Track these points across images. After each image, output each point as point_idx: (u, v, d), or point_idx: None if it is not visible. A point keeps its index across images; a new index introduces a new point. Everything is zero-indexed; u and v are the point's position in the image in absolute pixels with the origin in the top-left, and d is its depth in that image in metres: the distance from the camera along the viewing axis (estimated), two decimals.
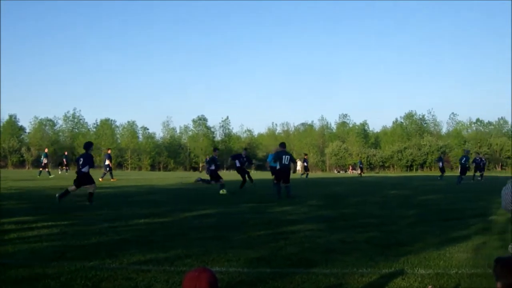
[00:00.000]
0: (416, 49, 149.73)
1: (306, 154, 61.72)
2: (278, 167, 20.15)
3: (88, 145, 17.63)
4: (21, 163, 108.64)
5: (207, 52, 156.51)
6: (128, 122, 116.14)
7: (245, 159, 26.67)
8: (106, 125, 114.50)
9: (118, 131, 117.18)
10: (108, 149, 43.00)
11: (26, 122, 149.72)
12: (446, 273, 6.91)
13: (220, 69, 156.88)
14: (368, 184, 34.11)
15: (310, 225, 11.84)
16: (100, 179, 33.79)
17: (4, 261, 7.43)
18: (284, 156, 20.14)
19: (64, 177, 41.01)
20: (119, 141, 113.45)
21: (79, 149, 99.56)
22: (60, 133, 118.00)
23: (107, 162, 36.77)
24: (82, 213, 13.73)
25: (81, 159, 16.96)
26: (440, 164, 43.73)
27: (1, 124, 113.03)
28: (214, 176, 23.77)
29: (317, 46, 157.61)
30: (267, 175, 30.00)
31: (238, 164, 26.19)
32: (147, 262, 7.36)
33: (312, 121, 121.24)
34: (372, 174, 77.24)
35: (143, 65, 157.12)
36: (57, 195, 16.29)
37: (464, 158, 34.74)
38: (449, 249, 8.72)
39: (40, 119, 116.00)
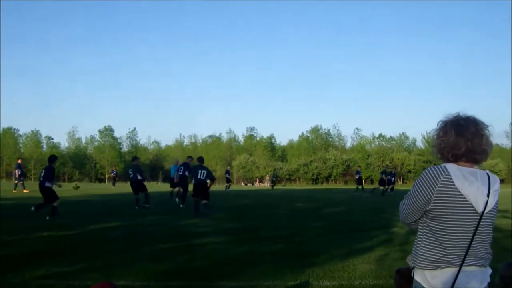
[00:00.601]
0: (321, 64, 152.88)
1: (228, 166, 61.78)
2: (194, 182, 19.12)
3: (53, 159, 17.24)
4: None
5: (114, 59, 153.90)
6: (32, 131, 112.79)
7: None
8: (9, 133, 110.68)
9: (21, 141, 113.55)
10: (19, 159, 41.37)
11: None
12: (350, 284, 7.10)
13: (127, 78, 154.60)
14: (275, 197, 34.47)
15: (218, 237, 11.85)
16: (14, 191, 32.83)
17: None
18: (200, 171, 19.24)
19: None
20: (22, 150, 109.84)
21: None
22: None
23: (18, 172, 35.58)
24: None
25: (43, 171, 16.62)
26: (357, 176, 45.09)
27: None
28: (141, 187, 21.76)
29: (226, 56, 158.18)
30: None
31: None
32: (51, 276, 7.17)
33: (220, 134, 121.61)
34: (279, 187, 78.16)
35: (48, 70, 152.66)
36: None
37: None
38: (353, 260, 8.96)
39: None
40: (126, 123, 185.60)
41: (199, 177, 18.94)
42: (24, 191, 33.71)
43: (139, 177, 21.43)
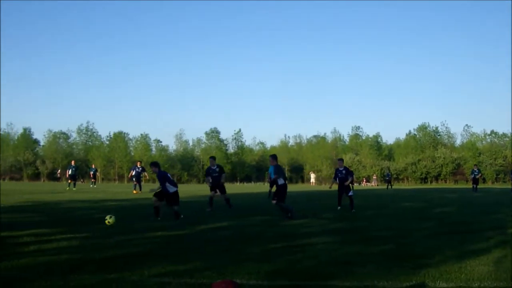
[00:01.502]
0: (428, 61, 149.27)
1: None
2: (281, 182, 17.48)
3: (158, 164, 16.98)
4: (36, 176, 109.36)
5: (220, 66, 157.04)
6: (141, 135, 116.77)
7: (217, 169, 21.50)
8: (120, 138, 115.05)
9: (131, 144, 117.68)
10: (138, 161, 43.57)
11: (40, 135, 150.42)
12: (469, 286, 6.91)
13: (233, 82, 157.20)
14: (382, 197, 33.99)
15: (325, 238, 11.83)
16: (134, 191, 34.67)
17: (24, 274, 7.51)
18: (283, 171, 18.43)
19: (91, 190, 41.12)
20: (132, 154, 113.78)
21: (94, 162, 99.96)
22: (74, 146, 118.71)
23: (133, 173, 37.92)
24: (98, 225, 13.79)
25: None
26: (473, 175, 43.42)
27: (16, 137, 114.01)
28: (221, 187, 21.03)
29: (330, 58, 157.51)
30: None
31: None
32: (167, 275, 7.40)
33: (325, 133, 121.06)
34: (384, 186, 76.67)
35: (156, 78, 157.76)
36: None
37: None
38: (469, 262, 8.67)
39: (54, 132, 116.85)
40: (232, 124, 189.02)
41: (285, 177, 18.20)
42: (134, 192, 35.21)
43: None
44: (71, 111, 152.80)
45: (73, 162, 44.73)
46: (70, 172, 42.54)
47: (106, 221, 13.46)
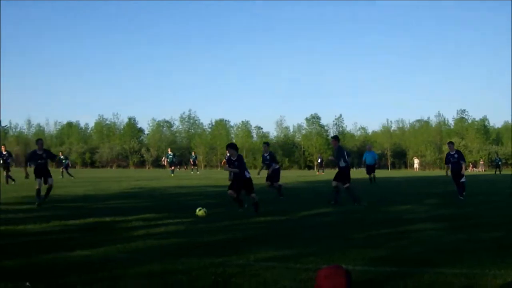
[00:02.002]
0: None
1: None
2: (342, 165, 16.91)
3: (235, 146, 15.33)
4: (141, 163, 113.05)
5: (322, 51, 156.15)
6: (242, 122, 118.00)
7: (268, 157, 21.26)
8: (221, 125, 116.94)
9: (232, 131, 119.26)
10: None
11: (145, 124, 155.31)
12: None
13: (334, 67, 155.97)
14: (491, 183, 32.84)
15: (431, 224, 11.57)
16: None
17: (136, 256, 7.80)
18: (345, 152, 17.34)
19: (193, 177, 42.15)
20: (233, 140, 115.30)
21: (196, 149, 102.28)
22: (177, 134, 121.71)
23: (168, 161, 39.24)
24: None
25: (236, 162, 14.72)
26: None
27: (122, 126, 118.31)
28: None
29: (433, 39, 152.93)
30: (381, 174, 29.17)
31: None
32: (272, 259, 7.47)
33: (428, 118, 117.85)
34: (491, 172, 73.87)
35: (257, 65, 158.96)
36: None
37: None
38: None
39: (158, 121, 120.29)
40: (333, 110, 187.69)
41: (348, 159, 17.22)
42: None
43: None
44: (174, 100, 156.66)
45: (169, 150, 46.14)
46: (168, 160, 44.06)
47: (197, 213, 13.15)
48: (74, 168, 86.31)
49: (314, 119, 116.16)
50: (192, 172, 51.64)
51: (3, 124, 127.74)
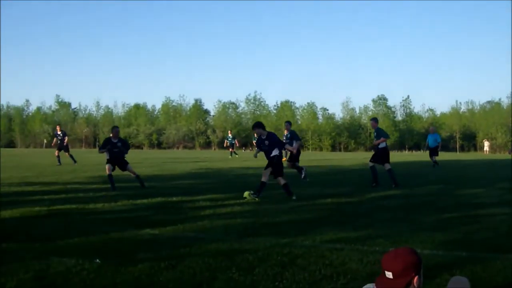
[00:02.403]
0: None
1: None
2: (382, 146, 16.80)
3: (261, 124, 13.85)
4: (207, 144, 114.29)
5: (385, 28, 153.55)
6: (308, 103, 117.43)
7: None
8: (286, 106, 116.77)
9: (298, 113, 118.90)
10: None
11: (210, 105, 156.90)
12: None
13: (400, 45, 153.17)
14: None
15: (504, 208, 11.19)
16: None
17: (203, 235, 7.87)
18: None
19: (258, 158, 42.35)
20: (299, 122, 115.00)
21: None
22: (243, 115, 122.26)
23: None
24: (269, 191, 14.10)
25: (267, 141, 13.40)
26: None
27: (189, 108, 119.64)
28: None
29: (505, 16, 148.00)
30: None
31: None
32: (339, 241, 7.40)
33: (500, 99, 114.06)
34: None
35: (321, 46, 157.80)
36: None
37: None
38: None
39: (224, 102, 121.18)
40: (400, 91, 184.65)
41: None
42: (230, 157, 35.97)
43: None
44: (239, 82, 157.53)
45: (229, 132, 46.48)
46: (228, 142, 44.56)
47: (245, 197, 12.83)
48: (141, 149, 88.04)
49: (381, 100, 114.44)
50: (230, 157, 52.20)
51: (73, 106, 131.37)
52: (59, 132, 29.59)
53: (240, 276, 5.55)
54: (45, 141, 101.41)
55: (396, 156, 46.55)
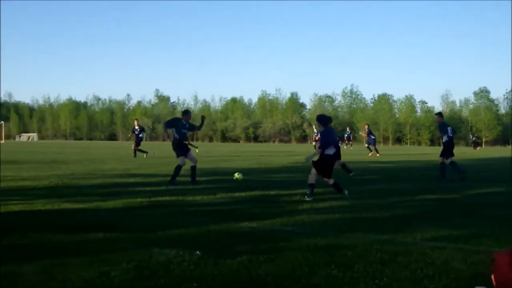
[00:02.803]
0: None
1: None
2: (445, 140, 17.05)
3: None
4: (303, 138, 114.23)
5: (490, 16, 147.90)
6: (406, 96, 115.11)
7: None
8: (384, 100, 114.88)
9: (395, 106, 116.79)
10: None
11: (307, 99, 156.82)
12: None
13: (503, 35, 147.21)
14: None
15: None
16: (377, 155, 33.91)
17: (301, 230, 7.83)
18: (449, 128, 16.97)
19: (347, 152, 41.99)
20: (397, 115, 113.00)
21: (358, 124, 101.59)
22: (339, 109, 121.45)
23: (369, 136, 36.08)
24: (366, 186, 13.93)
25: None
26: None
27: (285, 101, 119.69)
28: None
29: None
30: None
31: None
32: (440, 239, 7.17)
33: None
34: None
35: (419, 37, 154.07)
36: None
37: None
38: None
39: (320, 96, 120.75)
40: (503, 83, 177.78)
41: (450, 134, 16.86)
42: (370, 154, 34.39)
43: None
44: (336, 75, 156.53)
45: (314, 127, 46.16)
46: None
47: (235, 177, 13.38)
48: (238, 143, 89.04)
49: (482, 93, 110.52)
50: (345, 147, 51.57)
51: (172, 100, 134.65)
52: (136, 127, 30.44)
53: (339, 272, 5.47)
54: (144, 134, 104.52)
55: (497, 151, 44.86)
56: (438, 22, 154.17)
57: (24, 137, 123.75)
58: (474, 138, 65.17)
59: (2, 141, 79.90)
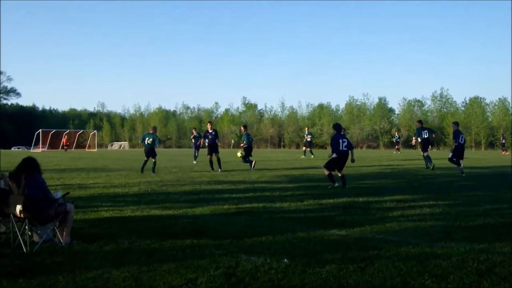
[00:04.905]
0: None
1: None
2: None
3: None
4: (391, 144, 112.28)
5: None
6: (499, 98, 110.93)
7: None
8: (476, 103, 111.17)
9: (488, 109, 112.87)
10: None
11: (395, 103, 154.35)
12: None
13: None
14: None
15: None
16: None
17: (392, 238, 7.58)
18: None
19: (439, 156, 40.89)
20: (490, 119, 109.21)
21: (448, 129, 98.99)
22: (429, 113, 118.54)
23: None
24: (459, 193, 13.44)
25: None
26: None
27: (373, 107, 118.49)
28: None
29: None
30: None
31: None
32: None
33: None
34: None
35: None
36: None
37: None
38: None
39: (409, 100, 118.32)
40: None
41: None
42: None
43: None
44: (425, 79, 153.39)
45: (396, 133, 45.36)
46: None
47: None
48: (325, 149, 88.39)
49: None
50: (394, 152, 52.02)
51: (259, 107, 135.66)
52: (210, 130, 30.13)
53: (434, 283, 5.25)
54: (232, 141, 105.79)
55: None
56: None
57: (115, 145, 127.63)
58: (503, 141, 60.73)
59: (95, 150, 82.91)
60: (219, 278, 5.45)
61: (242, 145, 24.86)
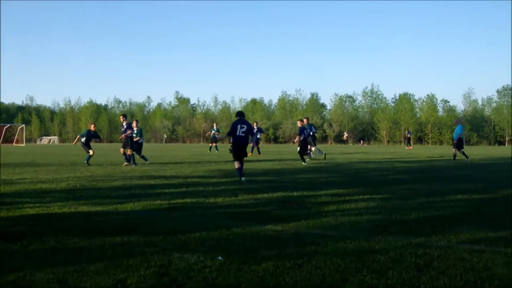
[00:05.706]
0: None
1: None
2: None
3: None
4: (323, 139, 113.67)
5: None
6: (428, 95, 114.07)
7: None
8: (405, 99, 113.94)
9: (417, 105, 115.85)
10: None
11: (327, 99, 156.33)
12: None
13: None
14: None
15: None
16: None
17: (328, 233, 7.44)
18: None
19: (365, 151, 41.56)
20: (418, 115, 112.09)
21: (379, 124, 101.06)
22: (360, 109, 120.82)
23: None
24: (393, 187, 13.53)
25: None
26: None
27: (305, 102, 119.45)
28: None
29: None
30: None
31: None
32: (477, 242, 6.77)
33: None
34: None
35: (442, 33, 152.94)
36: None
37: None
38: None
39: (340, 96, 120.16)
40: None
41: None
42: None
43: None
44: (356, 75, 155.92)
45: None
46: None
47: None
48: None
49: (506, 91, 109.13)
50: (406, 148, 53.21)
51: (192, 102, 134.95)
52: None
53: (373, 279, 5.11)
54: (165, 136, 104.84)
55: None
56: (458, 19, 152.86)
57: (45, 140, 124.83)
58: (409, 135, 66.01)
59: (23, 144, 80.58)
60: (150, 278, 5.17)
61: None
